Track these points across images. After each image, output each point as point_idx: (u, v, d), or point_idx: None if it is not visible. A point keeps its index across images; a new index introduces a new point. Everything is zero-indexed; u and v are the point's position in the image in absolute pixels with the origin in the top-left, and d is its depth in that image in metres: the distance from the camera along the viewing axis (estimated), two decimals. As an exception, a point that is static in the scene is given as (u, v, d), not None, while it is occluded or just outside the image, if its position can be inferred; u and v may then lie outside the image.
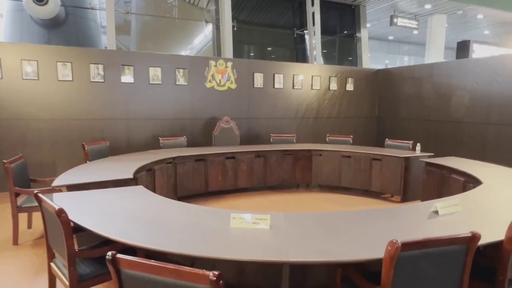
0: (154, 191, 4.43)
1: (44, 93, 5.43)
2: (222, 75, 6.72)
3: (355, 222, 2.15)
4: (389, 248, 1.47)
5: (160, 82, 6.16)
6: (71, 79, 5.56)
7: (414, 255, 1.53)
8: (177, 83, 6.30)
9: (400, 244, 1.46)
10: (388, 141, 6.02)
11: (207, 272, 1.16)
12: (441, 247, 1.56)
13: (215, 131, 6.37)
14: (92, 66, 5.66)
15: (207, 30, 9.81)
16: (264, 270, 2.12)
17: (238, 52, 8.93)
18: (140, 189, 2.88)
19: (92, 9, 8.87)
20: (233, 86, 6.85)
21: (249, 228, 1.96)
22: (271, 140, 6.46)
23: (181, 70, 6.30)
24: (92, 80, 5.66)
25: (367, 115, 8.38)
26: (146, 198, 2.64)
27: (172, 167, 4.88)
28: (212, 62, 6.63)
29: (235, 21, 8.62)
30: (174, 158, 4.88)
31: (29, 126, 5.38)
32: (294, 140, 6.54)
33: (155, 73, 6.08)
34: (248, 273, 2.15)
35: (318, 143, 6.55)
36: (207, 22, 9.30)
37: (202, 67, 6.54)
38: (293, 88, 7.44)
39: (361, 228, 2.03)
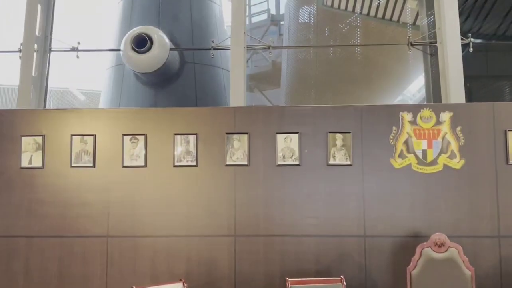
0: None
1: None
2: (428, 140, 3.17)
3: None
4: None
5: (298, 163, 3.31)
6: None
7: None
8: (330, 161, 3.26)
9: None
10: None
11: None
12: None
13: (411, 266, 2.85)
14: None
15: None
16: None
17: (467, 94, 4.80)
18: None
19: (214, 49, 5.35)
20: (457, 163, 3.10)
21: None
22: None
23: (337, 135, 3.26)
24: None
25: None
26: None
27: None
28: (406, 115, 3.23)
29: (469, 36, 4.87)
30: None
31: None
32: None
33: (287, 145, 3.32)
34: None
35: None
36: (411, 45, 5.78)
37: (382, 124, 3.27)
38: None
39: None
